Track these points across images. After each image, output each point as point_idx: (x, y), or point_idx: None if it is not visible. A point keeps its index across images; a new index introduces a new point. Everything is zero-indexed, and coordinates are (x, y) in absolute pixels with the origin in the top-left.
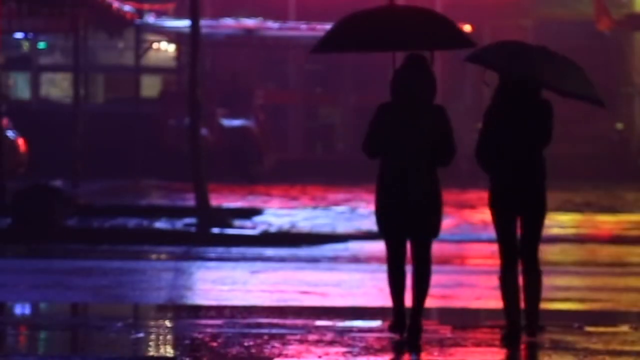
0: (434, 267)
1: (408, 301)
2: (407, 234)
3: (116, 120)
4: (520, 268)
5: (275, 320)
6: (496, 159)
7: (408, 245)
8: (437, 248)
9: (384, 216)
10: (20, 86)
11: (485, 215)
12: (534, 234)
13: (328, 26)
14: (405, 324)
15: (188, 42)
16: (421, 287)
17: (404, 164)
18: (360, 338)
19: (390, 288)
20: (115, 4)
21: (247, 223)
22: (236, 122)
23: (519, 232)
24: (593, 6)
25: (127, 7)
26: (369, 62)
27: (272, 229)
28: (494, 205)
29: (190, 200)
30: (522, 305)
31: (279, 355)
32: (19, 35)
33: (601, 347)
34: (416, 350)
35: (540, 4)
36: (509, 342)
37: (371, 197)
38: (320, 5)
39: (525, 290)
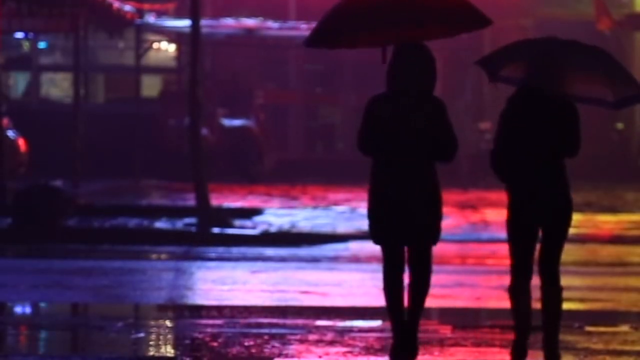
0: (434, 267)
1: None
2: (404, 240)
3: (116, 120)
4: (538, 284)
5: (275, 320)
6: (515, 168)
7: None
8: (437, 248)
9: (378, 220)
10: (20, 86)
11: (485, 215)
12: (556, 248)
13: None
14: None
15: (188, 42)
16: (417, 297)
17: (401, 161)
18: (361, 338)
19: (387, 300)
20: (116, 4)
21: (248, 223)
22: (236, 122)
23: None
24: (593, 6)
25: (128, 7)
26: (369, 61)
27: (273, 229)
28: (514, 219)
29: (190, 200)
30: (541, 322)
31: (279, 355)
32: (19, 35)
33: (602, 347)
34: None
35: (540, 4)
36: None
37: None
38: (320, 5)
39: (544, 310)
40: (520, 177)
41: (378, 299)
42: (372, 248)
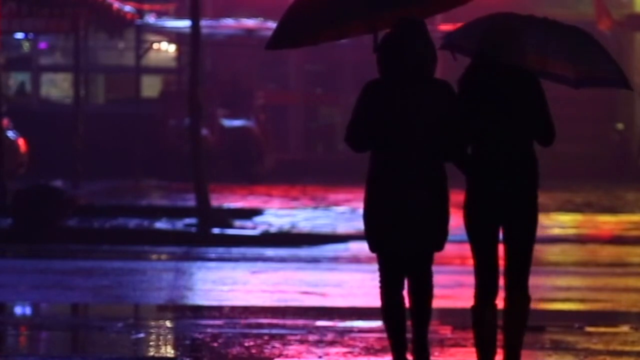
0: (434, 268)
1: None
2: (405, 247)
3: (116, 121)
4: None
5: (275, 321)
6: (474, 156)
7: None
8: None
9: (376, 226)
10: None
11: None
12: (520, 253)
13: None
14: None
15: (188, 42)
16: (420, 310)
17: (402, 157)
18: (361, 338)
19: (385, 316)
20: (116, 5)
21: (248, 223)
22: (237, 123)
23: (501, 253)
24: (593, 6)
25: (128, 8)
26: (369, 61)
27: (273, 229)
28: (468, 214)
29: (190, 201)
30: (501, 339)
31: (280, 355)
32: (19, 35)
33: (602, 348)
34: None
35: (540, 4)
36: None
37: None
38: None
39: (506, 319)
40: (478, 168)
41: (378, 300)
42: None
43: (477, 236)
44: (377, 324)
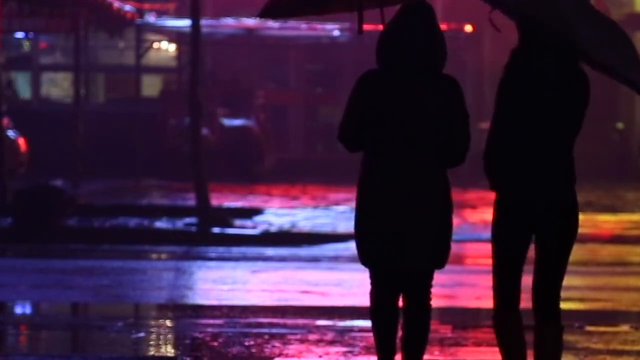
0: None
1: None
2: (401, 263)
3: (117, 120)
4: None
5: (275, 320)
6: (509, 158)
7: None
8: None
9: (369, 236)
10: (21, 86)
11: (485, 214)
12: (556, 269)
13: (328, 26)
14: None
15: (189, 41)
16: (414, 341)
17: (400, 159)
18: (361, 338)
19: (375, 340)
20: (116, 4)
21: (248, 223)
22: (237, 122)
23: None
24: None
25: (128, 7)
26: (369, 61)
27: (273, 229)
28: (500, 221)
29: (190, 200)
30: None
31: (280, 354)
32: (19, 35)
33: (602, 347)
34: None
35: None
36: None
37: None
38: None
39: (539, 355)
40: (514, 171)
41: None
42: None
43: (503, 245)
44: None
